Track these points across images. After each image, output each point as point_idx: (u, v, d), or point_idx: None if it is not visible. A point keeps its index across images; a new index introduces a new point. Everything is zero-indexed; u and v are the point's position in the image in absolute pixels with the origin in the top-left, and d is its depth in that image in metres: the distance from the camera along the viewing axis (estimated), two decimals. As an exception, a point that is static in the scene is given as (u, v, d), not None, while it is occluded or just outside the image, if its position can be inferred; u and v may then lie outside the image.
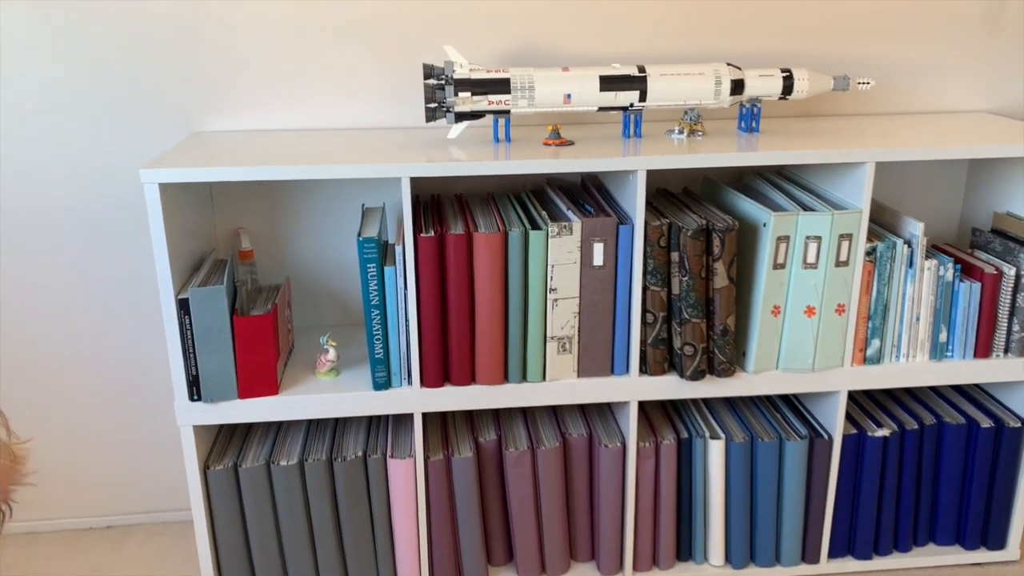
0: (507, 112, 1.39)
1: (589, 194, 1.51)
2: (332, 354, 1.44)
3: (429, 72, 1.36)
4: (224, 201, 1.58)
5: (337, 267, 1.63)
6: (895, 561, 1.59)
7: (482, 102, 1.37)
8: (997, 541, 1.60)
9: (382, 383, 1.40)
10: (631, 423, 1.45)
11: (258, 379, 1.37)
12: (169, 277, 1.31)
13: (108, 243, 1.59)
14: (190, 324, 1.32)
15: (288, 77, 1.54)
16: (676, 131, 1.47)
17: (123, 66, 1.50)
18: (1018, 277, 1.46)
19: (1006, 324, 1.48)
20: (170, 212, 1.31)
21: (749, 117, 1.49)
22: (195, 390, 1.36)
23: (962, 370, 1.49)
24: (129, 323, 1.64)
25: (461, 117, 1.38)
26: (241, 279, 1.52)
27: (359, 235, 1.34)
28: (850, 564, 1.59)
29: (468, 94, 1.36)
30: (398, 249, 1.34)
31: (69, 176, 1.55)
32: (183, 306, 1.32)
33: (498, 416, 1.57)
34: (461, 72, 1.36)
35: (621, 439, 1.48)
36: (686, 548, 1.57)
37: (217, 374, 1.35)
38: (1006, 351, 1.50)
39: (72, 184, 1.55)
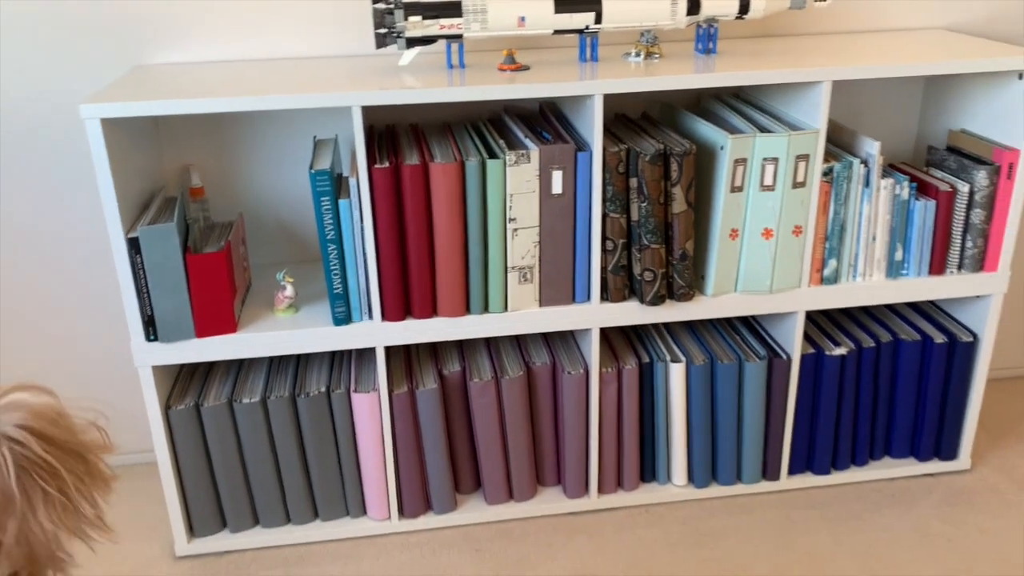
0: (460, 37, 1.35)
1: (547, 121, 1.49)
2: (290, 290, 1.42)
3: (377, -4, 1.32)
4: (171, 137, 1.53)
5: (292, 202, 1.60)
6: (852, 475, 1.64)
7: (433, 26, 1.33)
8: (950, 452, 1.65)
9: (342, 318, 1.39)
10: (593, 350, 1.46)
11: (215, 317, 1.36)
12: (117, 216, 1.27)
13: (53, 182, 1.54)
14: (142, 264, 1.30)
15: (233, 6, 1.48)
16: (633, 54, 1.44)
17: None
18: (972, 194, 1.47)
19: (960, 241, 1.50)
20: (114, 149, 1.27)
21: (706, 38, 1.47)
22: (151, 330, 1.34)
23: (917, 287, 1.51)
24: (81, 264, 1.60)
25: (412, 43, 1.34)
26: (193, 216, 1.49)
27: (311, 168, 1.31)
28: (809, 479, 1.63)
29: (419, 18, 1.32)
30: (352, 181, 1.31)
31: (5, 114, 1.49)
32: (134, 245, 1.29)
33: (462, 347, 1.57)
34: (411, -4, 1.31)
35: (584, 366, 1.50)
36: (650, 469, 1.60)
37: (173, 313, 1.33)
38: (960, 267, 1.52)
39: (9, 123, 1.49)
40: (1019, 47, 1.48)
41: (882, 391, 1.60)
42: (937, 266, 1.51)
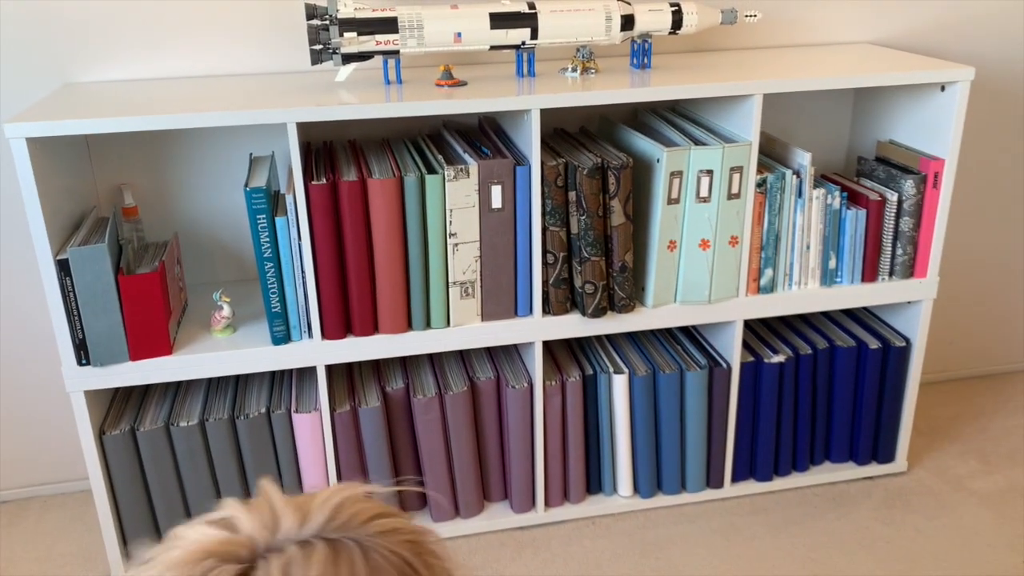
0: (396, 53, 1.35)
1: (486, 136, 1.49)
2: (227, 310, 1.40)
3: (312, 12, 1.31)
4: (103, 156, 1.50)
5: (227, 220, 1.58)
6: (794, 480, 1.67)
7: (369, 42, 1.33)
8: (887, 455, 1.69)
9: (281, 337, 1.37)
10: (536, 363, 1.47)
11: (149, 339, 1.33)
12: (45, 237, 1.24)
13: (-22, 205, 1.49)
14: (72, 286, 1.26)
15: (165, 23, 1.46)
16: (569, 69, 1.46)
17: (-21, 13, 1.40)
18: (900, 203, 1.52)
19: (890, 248, 1.54)
20: (42, 169, 1.23)
21: (641, 53, 1.49)
22: (83, 354, 1.31)
23: (851, 295, 1.55)
24: (10, 288, 1.55)
25: (348, 59, 1.34)
26: (126, 237, 1.46)
27: (246, 185, 1.29)
28: (752, 486, 1.65)
29: (354, 34, 1.31)
30: (288, 198, 1.30)
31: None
32: (63, 267, 1.25)
33: (405, 363, 1.56)
34: (346, 11, 1.31)
35: (528, 379, 1.50)
36: (595, 481, 1.61)
37: (105, 336, 1.30)
38: (891, 274, 1.56)
39: (-68, 143, 1.45)
40: (940, 60, 1.53)
41: (820, 397, 1.63)
42: (869, 273, 1.55)
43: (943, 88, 1.48)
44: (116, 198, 1.51)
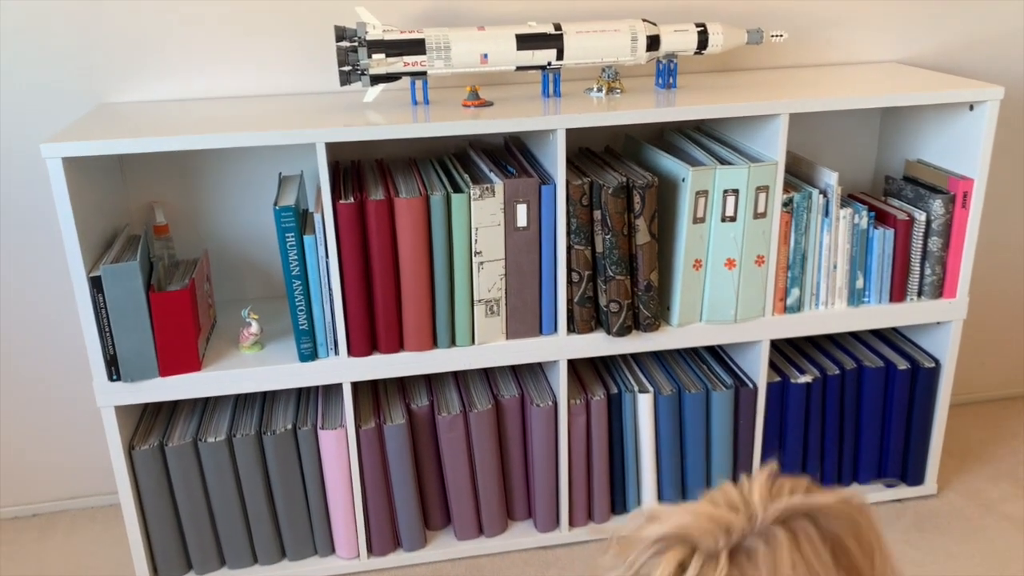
0: (424, 74, 1.37)
1: (512, 155, 1.50)
2: (255, 327, 1.41)
3: (341, 34, 1.33)
4: (136, 175, 1.53)
5: (257, 238, 1.60)
6: (821, 502, 1.64)
7: (397, 64, 1.34)
8: (916, 477, 1.67)
9: (308, 355, 1.38)
10: (561, 382, 1.47)
11: (179, 356, 1.34)
12: (79, 254, 1.26)
13: (15, 220, 1.52)
14: (104, 302, 1.28)
15: (197, 45, 1.49)
16: (595, 89, 1.47)
17: (24, 36, 1.43)
18: (929, 222, 1.50)
19: (919, 268, 1.53)
20: (76, 188, 1.26)
21: (666, 73, 1.49)
22: (114, 370, 1.33)
23: (879, 315, 1.54)
24: (43, 303, 1.58)
25: (376, 80, 1.36)
26: (157, 254, 1.48)
27: (275, 204, 1.31)
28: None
29: (383, 56, 1.33)
30: (317, 217, 1.32)
31: (-33, 154, 1.48)
32: (96, 284, 1.28)
33: (430, 381, 1.57)
34: (374, 33, 1.33)
35: (552, 398, 1.50)
36: (620, 500, 1.60)
37: (136, 353, 1.32)
38: (919, 294, 1.55)
39: (-29, 162, 1.48)
40: (969, 79, 1.52)
41: (848, 418, 1.61)
42: (898, 293, 1.53)
43: (972, 107, 1.47)
44: (148, 216, 1.54)
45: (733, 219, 1.40)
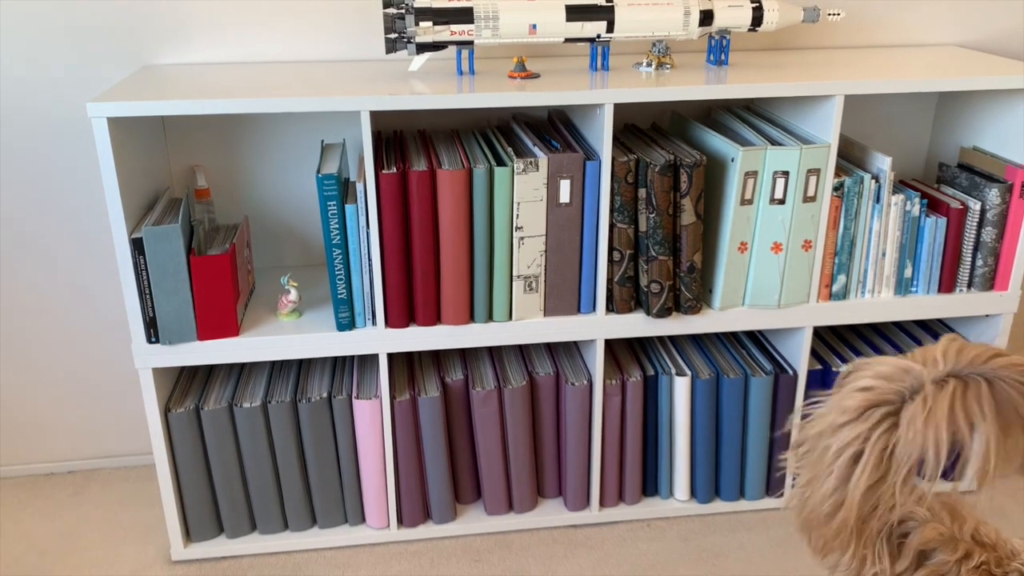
0: (470, 43, 1.34)
1: (556, 130, 1.48)
2: (294, 295, 1.41)
3: (388, 1, 1.31)
4: (178, 138, 1.52)
5: (297, 206, 1.59)
6: (856, 493, 1.62)
7: (444, 32, 1.32)
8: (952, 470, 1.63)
9: (346, 324, 1.38)
10: (597, 361, 1.45)
11: (217, 320, 1.34)
12: (122, 216, 1.26)
13: (58, 182, 1.53)
14: (145, 264, 1.29)
15: (243, 8, 1.48)
16: (644, 64, 1.43)
17: (66, -6, 1.43)
18: (983, 212, 1.46)
19: (970, 259, 1.49)
20: (120, 149, 1.26)
21: (718, 50, 1.46)
22: (153, 332, 1.33)
23: (926, 305, 1.50)
24: (84, 264, 1.59)
25: (422, 48, 1.34)
26: (198, 218, 1.48)
27: (318, 172, 1.30)
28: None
29: (429, 24, 1.31)
30: (359, 186, 1.30)
31: (13, 113, 1.48)
32: (137, 246, 1.28)
33: (465, 355, 1.56)
34: (422, 1, 1.31)
35: (588, 377, 1.48)
36: (652, 483, 1.58)
37: (175, 315, 1.32)
38: (969, 286, 1.50)
39: (16, 122, 1.48)
40: (1033, 65, 1.47)
41: (889, 409, 1.58)
42: (947, 284, 1.50)
43: (1035, 94, 1.42)
44: (189, 180, 1.54)
45: (782, 202, 1.37)
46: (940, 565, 0.78)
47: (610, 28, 1.35)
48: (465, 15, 1.31)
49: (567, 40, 1.36)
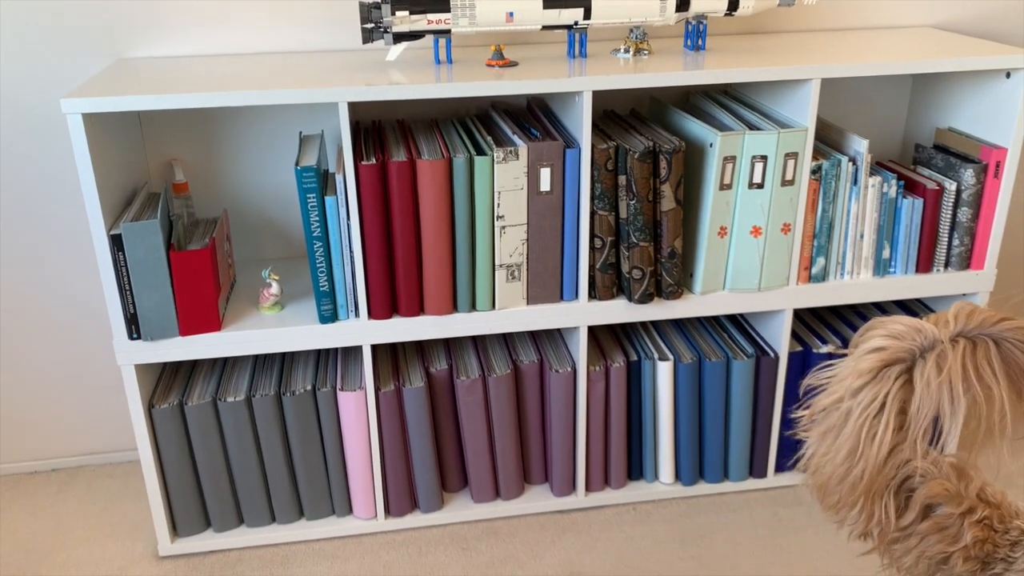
0: (448, 32, 1.34)
1: (535, 117, 1.48)
2: (275, 288, 1.41)
3: (364, -9, 1.30)
4: (155, 132, 1.51)
5: (277, 198, 1.58)
6: (838, 472, 1.64)
7: (421, 21, 1.32)
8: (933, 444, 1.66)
9: (328, 316, 1.38)
10: (581, 348, 1.46)
11: (199, 315, 1.34)
12: (99, 212, 1.25)
13: (35, 179, 1.51)
14: (124, 261, 1.28)
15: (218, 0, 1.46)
16: (622, 50, 1.44)
17: (36, -12, 1.41)
18: (959, 192, 1.48)
19: (947, 239, 1.50)
20: (96, 144, 1.25)
21: (695, 35, 1.46)
22: (134, 328, 1.33)
23: (904, 285, 1.51)
24: (65, 261, 1.58)
25: (399, 38, 1.33)
26: (176, 213, 1.47)
27: (297, 164, 1.29)
28: (797, 477, 1.63)
29: (406, 13, 1.30)
30: (338, 178, 1.30)
31: (-14, 108, 1.46)
32: (116, 242, 1.27)
33: (449, 345, 1.56)
34: (398, -10, 1.30)
35: (571, 364, 1.49)
36: (637, 467, 1.60)
37: (156, 311, 1.32)
38: (946, 265, 1.52)
39: (-10, 117, 1.47)
40: (1006, 45, 1.48)
41: (869, 389, 1.60)
42: (924, 264, 1.51)
43: (1008, 75, 1.43)
44: (167, 174, 1.53)
45: (760, 186, 1.38)
46: (944, 518, 0.79)
47: (587, 15, 1.35)
48: (442, 4, 1.31)
49: (544, 28, 1.36)
